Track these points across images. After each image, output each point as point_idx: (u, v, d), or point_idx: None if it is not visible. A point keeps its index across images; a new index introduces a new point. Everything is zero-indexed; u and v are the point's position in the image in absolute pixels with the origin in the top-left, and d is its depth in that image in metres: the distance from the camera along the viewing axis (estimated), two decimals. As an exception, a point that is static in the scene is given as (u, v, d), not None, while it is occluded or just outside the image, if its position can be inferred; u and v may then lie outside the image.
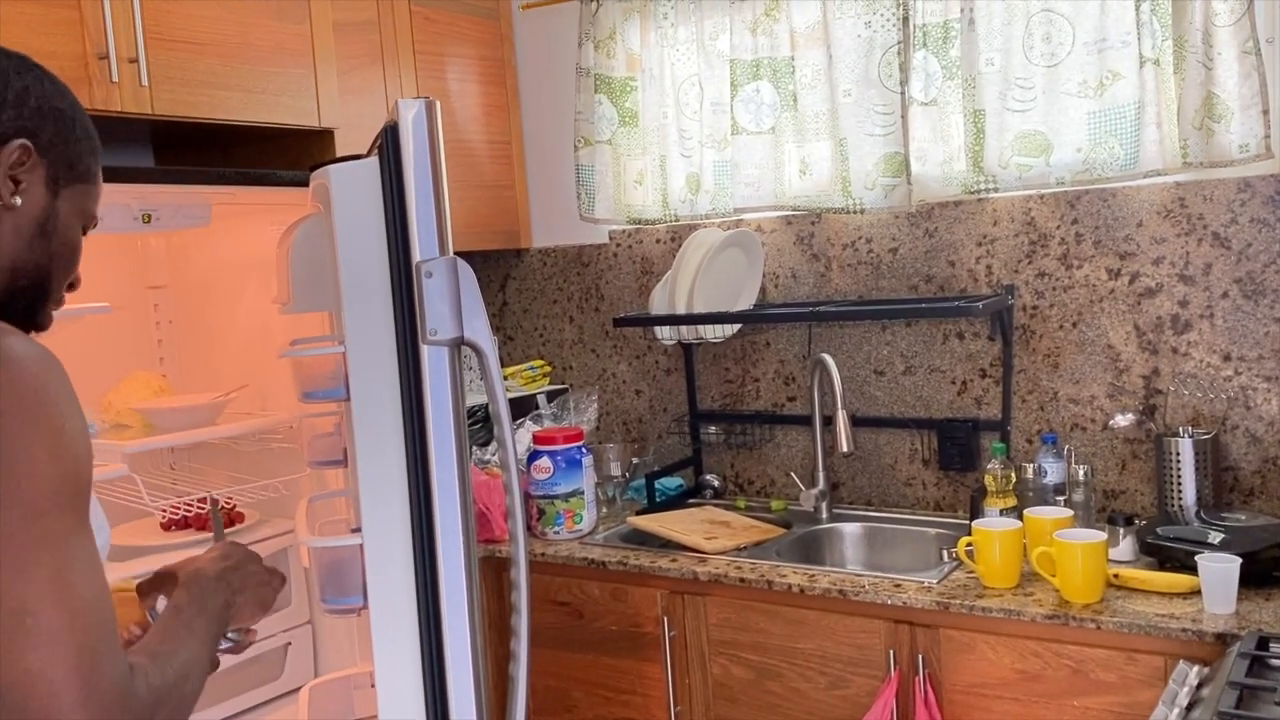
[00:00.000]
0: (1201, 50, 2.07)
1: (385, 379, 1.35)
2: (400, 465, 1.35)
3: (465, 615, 1.36)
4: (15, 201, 1.02)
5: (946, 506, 2.57)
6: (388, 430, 1.35)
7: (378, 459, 1.35)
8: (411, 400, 1.35)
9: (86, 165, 1.10)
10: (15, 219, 1.03)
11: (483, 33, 3.00)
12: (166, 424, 2.30)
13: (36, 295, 1.06)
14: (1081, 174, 2.23)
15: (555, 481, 2.54)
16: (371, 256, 1.36)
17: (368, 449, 1.35)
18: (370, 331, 1.36)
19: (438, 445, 1.34)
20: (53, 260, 1.07)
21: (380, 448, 1.35)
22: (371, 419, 1.35)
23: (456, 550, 1.34)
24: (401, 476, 1.35)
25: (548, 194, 3.12)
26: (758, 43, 2.57)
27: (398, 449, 1.35)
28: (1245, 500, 2.22)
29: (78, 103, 1.11)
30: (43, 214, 1.05)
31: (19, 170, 1.02)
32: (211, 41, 2.17)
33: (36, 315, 1.08)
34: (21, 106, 1.03)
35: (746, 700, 2.22)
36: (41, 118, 1.04)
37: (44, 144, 1.04)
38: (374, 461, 1.36)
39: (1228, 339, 2.22)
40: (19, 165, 1.02)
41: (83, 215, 1.11)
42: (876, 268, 2.61)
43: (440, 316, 1.34)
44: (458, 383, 1.36)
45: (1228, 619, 1.78)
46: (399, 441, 1.35)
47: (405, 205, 1.34)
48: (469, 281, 1.36)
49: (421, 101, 1.34)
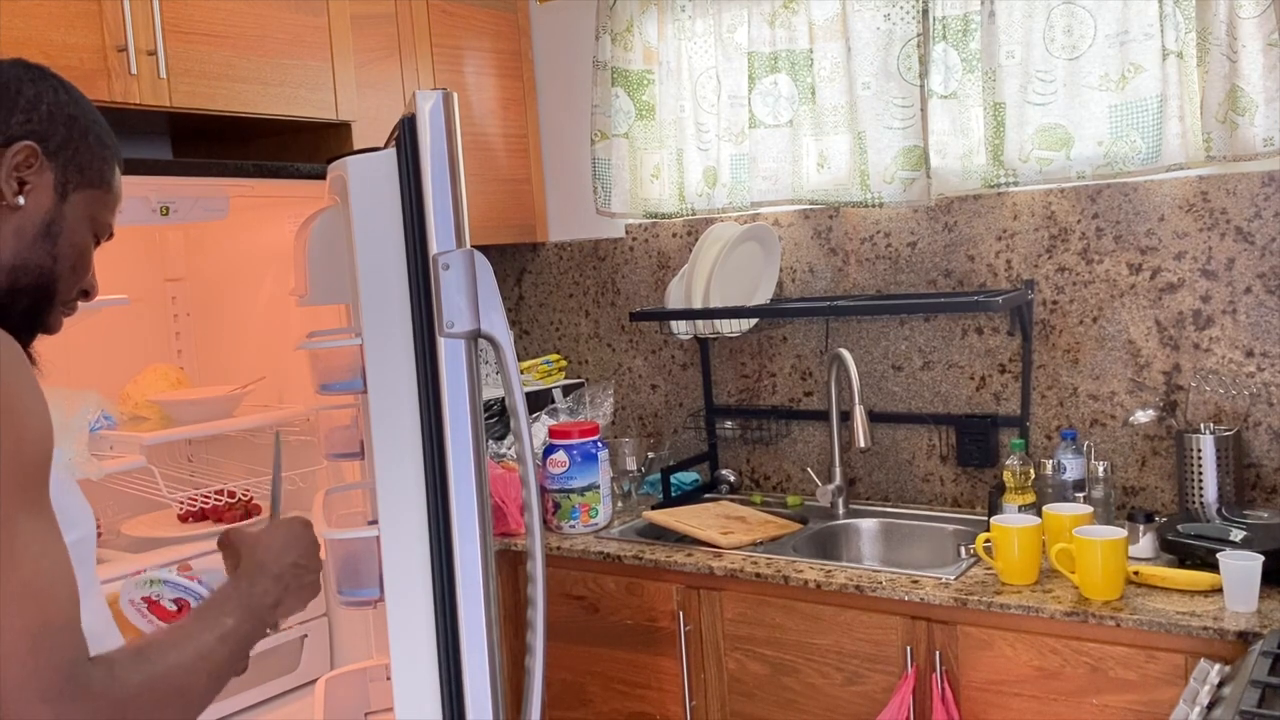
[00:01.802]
0: (1225, 43, 2.05)
1: (402, 372, 1.35)
2: (417, 458, 1.35)
3: (481, 608, 1.35)
4: (18, 201, 1.04)
5: (965, 503, 2.56)
6: (405, 423, 1.35)
7: (394, 452, 1.35)
8: (428, 393, 1.35)
9: (98, 171, 1.11)
10: (19, 219, 1.04)
11: (500, 26, 3.00)
12: (184, 416, 2.31)
13: (40, 297, 1.07)
14: (1103, 168, 2.21)
15: (571, 475, 2.53)
16: (388, 249, 1.36)
17: (384, 442, 1.35)
18: (387, 324, 1.35)
19: (454, 438, 1.34)
20: (57, 263, 1.08)
21: (397, 440, 1.35)
22: (388, 412, 1.35)
23: (473, 543, 1.34)
24: (418, 469, 1.35)
25: (564, 188, 3.12)
26: (776, 35, 2.56)
27: (414, 442, 1.35)
28: (1268, 498, 2.20)
29: (97, 114, 1.13)
30: (48, 216, 1.06)
31: (25, 172, 1.04)
32: (229, 34, 2.17)
33: (42, 317, 1.09)
34: (32, 111, 1.05)
35: (762, 695, 2.22)
36: (52, 123, 1.06)
37: (53, 148, 1.06)
38: (390, 454, 1.35)
39: (1250, 335, 2.20)
40: (25, 167, 1.04)
41: (93, 222, 1.12)
42: (895, 262, 2.60)
43: (457, 309, 1.34)
44: (474, 376, 1.36)
45: (1249, 617, 1.76)
46: (416, 434, 1.35)
47: (422, 198, 1.34)
48: (486, 274, 1.35)
49: (439, 94, 1.34)
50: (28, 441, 0.89)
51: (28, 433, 0.89)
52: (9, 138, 1.04)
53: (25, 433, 0.89)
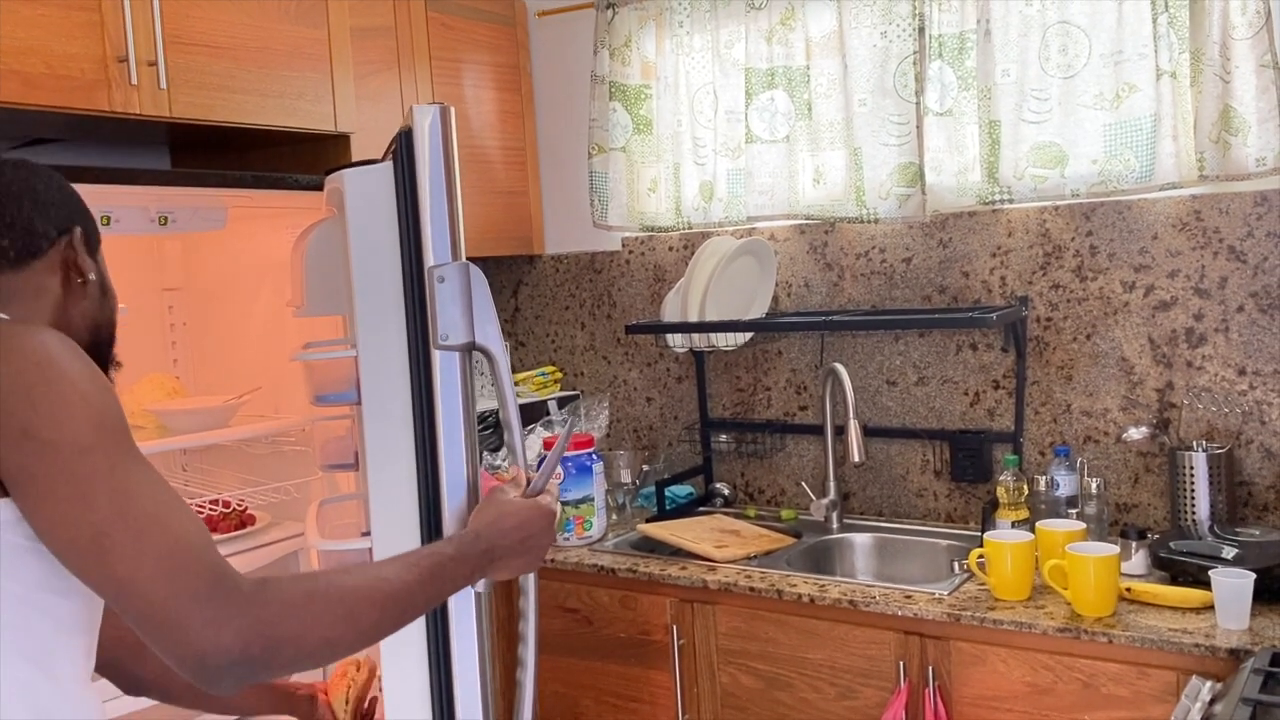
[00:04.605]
0: (1219, 63, 2.06)
1: (396, 384, 1.35)
2: (410, 470, 1.35)
3: (473, 621, 1.36)
4: (92, 277, 1.18)
5: (958, 518, 2.56)
6: (398, 435, 1.35)
7: (388, 463, 1.35)
8: (422, 405, 1.35)
9: (96, 225, 1.25)
10: (90, 289, 1.18)
11: (499, 39, 3.01)
12: (180, 425, 2.31)
13: (109, 344, 1.23)
14: (1097, 186, 2.23)
15: (566, 488, 2.53)
16: (384, 261, 1.36)
17: (378, 453, 1.36)
18: (382, 336, 1.36)
19: (448, 451, 1.34)
20: (114, 312, 1.24)
21: (390, 452, 1.35)
22: (382, 423, 1.35)
23: None
24: (412, 481, 1.35)
25: (561, 201, 3.13)
26: (773, 51, 2.57)
27: (408, 454, 1.35)
28: (1259, 515, 2.21)
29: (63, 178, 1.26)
30: (100, 278, 1.20)
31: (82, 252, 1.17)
32: (230, 45, 2.18)
33: (109, 358, 1.23)
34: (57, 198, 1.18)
35: (755, 710, 2.22)
36: (71, 201, 1.20)
37: (80, 221, 1.20)
38: (384, 466, 1.36)
39: (1243, 353, 2.21)
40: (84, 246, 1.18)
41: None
42: (890, 278, 2.61)
43: (452, 321, 1.34)
44: (469, 388, 1.36)
45: (1241, 634, 1.77)
46: (410, 446, 1.35)
47: (419, 210, 1.34)
48: (481, 287, 1.36)
49: (437, 108, 1.35)
50: (112, 406, 0.98)
51: (108, 396, 0.98)
52: (60, 229, 1.15)
53: (106, 396, 0.98)
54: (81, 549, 0.92)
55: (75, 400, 0.94)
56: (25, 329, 0.99)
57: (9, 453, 0.92)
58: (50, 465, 0.92)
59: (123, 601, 0.92)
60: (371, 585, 1.03)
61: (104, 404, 0.97)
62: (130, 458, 0.96)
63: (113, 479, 0.94)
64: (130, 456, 0.96)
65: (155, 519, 0.93)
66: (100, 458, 0.94)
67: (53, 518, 0.92)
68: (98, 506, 0.92)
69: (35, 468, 0.92)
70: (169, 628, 0.90)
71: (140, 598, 0.91)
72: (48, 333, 1.00)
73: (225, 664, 0.91)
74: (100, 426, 0.95)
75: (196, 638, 0.90)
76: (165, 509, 0.95)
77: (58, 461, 0.92)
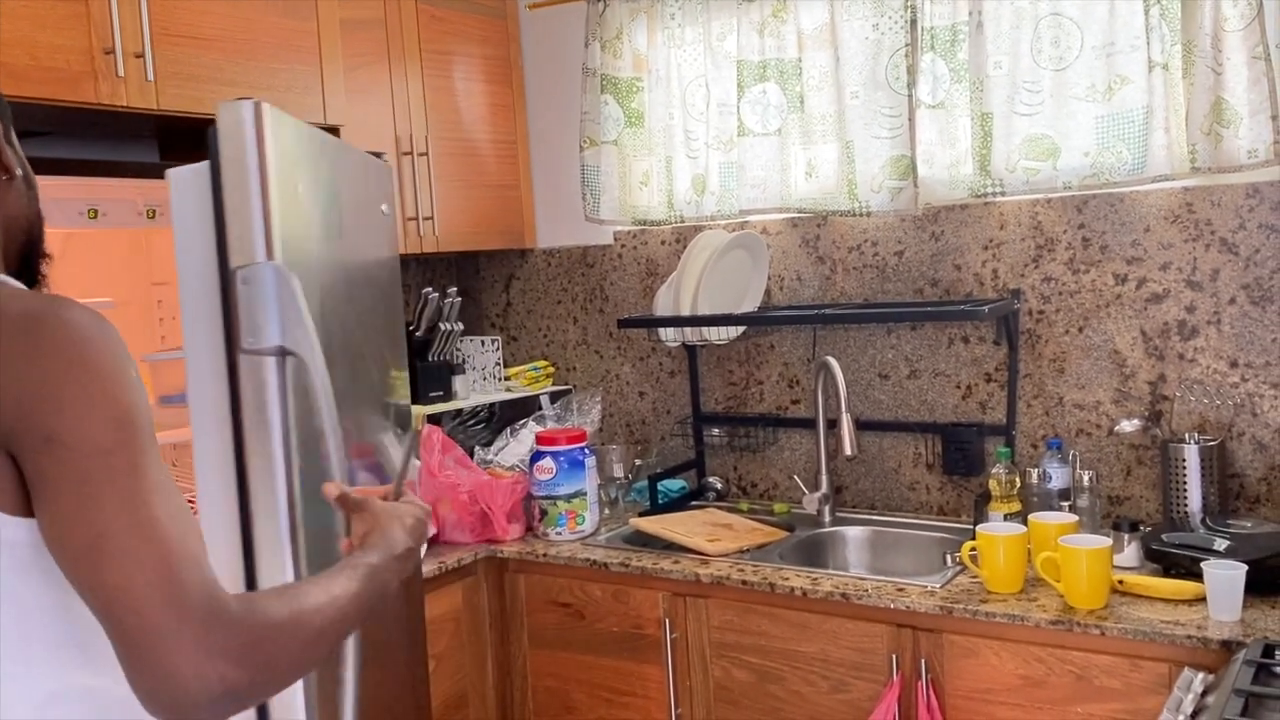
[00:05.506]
0: (1211, 55, 2.06)
1: (211, 389, 1.30)
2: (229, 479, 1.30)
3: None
4: (19, 172, 1.07)
5: (950, 511, 2.56)
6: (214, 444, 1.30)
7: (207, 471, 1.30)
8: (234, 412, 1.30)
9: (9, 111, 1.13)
10: (17, 184, 1.07)
11: (489, 32, 3.00)
12: (168, 420, 2.29)
13: (40, 240, 1.11)
14: (1089, 178, 2.22)
15: (558, 482, 2.53)
16: (201, 262, 1.32)
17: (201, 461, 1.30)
18: (200, 340, 1.31)
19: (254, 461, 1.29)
20: (38, 203, 1.11)
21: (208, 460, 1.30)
22: (201, 429, 1.31)
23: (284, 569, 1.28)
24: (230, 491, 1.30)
25: (553, 194, 3.12)
26: (765, 44, 2.57)
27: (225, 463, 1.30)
28: (1251, 507, 2.21)
29: None
30: (24, 170, 1.09)
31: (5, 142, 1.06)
32: (218, 37, 2.17)
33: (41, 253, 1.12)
34: None
35: (748, 703, 2.21)
36: None
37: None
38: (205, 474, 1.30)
39: (1235, 345, 2.21)
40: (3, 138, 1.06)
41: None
42: (882, 271, 2.60)
43: (255, 325, 1.28)
44: (283, 393, 1.31)
45: (1233, 626, 1.77)
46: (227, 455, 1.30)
47: (222, 209, 1.30)
48: (289, 288, 1.29)
49: (246, 104, 1.31)
50: (140, 406, 0.95)
51: (140, 396, 0.95)
52: None
53: (138, 399, 0.95)
54: (79, 551, 0.89)
55: (100, 396, 0.91)
56: (62, 310, 0.93)
57: (33, 458, 0.89)
58: (65, 466, 0.89)
59: (111, 612, 0.88)
60: (332, 610, 0.99)
61: (130, 401, 0.93)
62: (149, 462, 0.93)
63: (127, 482, 0.91)
64: (149, 460, 0.93)
65: (162, 527, 0.90)
66: (118, 460, 0.91)
67: (55, 516, 0.90)
68: (105, 508, 0.89)
69: (50, 469, 0.89)
70: (153, 644, 0.86)
71: (129, 609, 0.87)
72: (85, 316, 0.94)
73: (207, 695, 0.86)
74: (123, 426, 0.92)
75: (184, 661, 0.86)
76: (173, 518, 0.92)
77: (73, 462, 0.89)
